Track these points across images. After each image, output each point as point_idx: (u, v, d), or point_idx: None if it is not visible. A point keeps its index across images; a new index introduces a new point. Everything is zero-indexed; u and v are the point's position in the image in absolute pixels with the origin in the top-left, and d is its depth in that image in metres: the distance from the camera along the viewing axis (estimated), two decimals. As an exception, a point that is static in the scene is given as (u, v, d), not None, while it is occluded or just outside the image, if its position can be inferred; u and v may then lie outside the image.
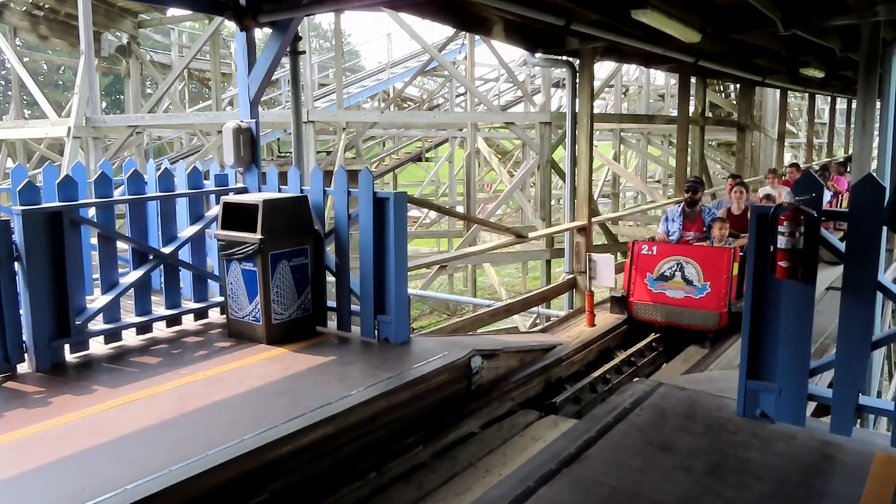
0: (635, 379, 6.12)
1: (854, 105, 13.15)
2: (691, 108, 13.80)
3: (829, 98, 22.97)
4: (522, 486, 3.26)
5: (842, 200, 11.52)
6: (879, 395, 7.41)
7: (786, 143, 20.54)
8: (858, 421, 5.01)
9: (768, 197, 9.10)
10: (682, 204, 7.53)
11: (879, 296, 3.77)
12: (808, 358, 3.84)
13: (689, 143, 13.34)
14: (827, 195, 10.12)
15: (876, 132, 7.69)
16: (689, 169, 13.32)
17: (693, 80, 13.75)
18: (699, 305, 6.70)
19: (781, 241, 3.63)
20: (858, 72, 7.47)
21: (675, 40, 7.68)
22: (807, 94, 20.64)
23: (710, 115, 17.60)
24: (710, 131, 17.28)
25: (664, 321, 6.98)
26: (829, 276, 7.45)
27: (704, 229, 7.24)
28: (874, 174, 3.72)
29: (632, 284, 7.09)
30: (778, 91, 17.95)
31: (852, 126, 18.14)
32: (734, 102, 18.80)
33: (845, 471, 3.47)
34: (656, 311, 6.97)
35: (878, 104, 7.59)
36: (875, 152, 7.96)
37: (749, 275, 3.93)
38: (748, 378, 3.99)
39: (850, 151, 21.56)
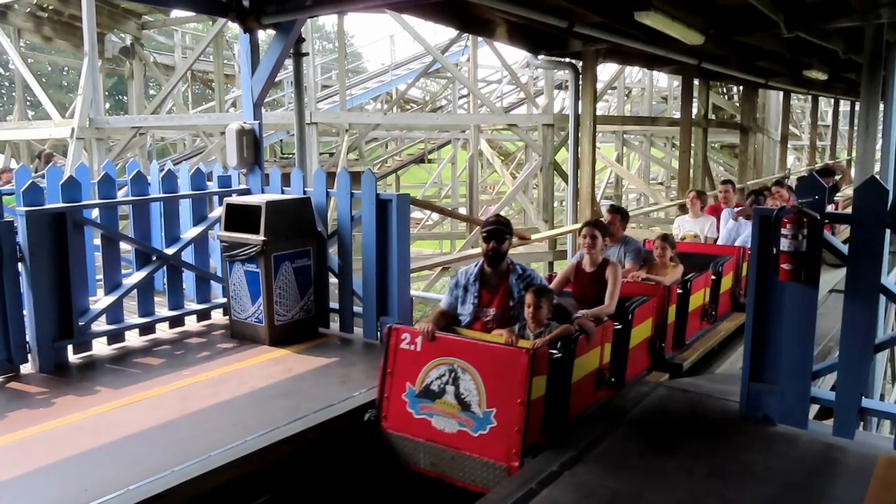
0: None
1: (857, 107, 13.12)
2: (694, 111, 13.79)
3: (832, 100, 22.93)
4: (524, 489, 3.25)
5: None
6: (882, 398, 7.40)
7: (789, 146, 20.50)
8: (861, 424, 5.01)
9: (663, 239, 5.76)
10: (479, 263, 4.36)
11: (882, 298, 3.76)
12: (811, 360, 3.84)
13: (692, 145, 13.32)
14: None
15: (879, 134, 7.68)
16: (691, 171, 13.31)
17: (696, 82, 13.73)
18: (478, 450, 3.65)
19: (784, 244, 3.63)
20: (862, 74, 7.47)
21: (678, 42, 7.67)
22: (810, 97, 20.61)
23: (713, 117, 17.57)
24: (712, 133, 17.28)
25: (429, 470, 3.83)
26: (831, 278, 7.43)
27: (512, 303, 4.16)
28: (877, 176, 3.71)
29: (386, 399, 3.95)
30: (781, 93, 17.93)
31: (855, 128, 18.12)
32: (737, 104, 18.79)
33: (848, 474, 3.47)
34: (418, 451, 3.81)
35: (881, 106, 7.58)
36: (878, 154, 7.95)
37: (752, 277, 3.93)
38: (751, 380, 3.99)
39: (853, 154, 21.55)
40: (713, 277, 6.10)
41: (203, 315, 6.02)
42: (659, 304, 5.11)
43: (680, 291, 5.45)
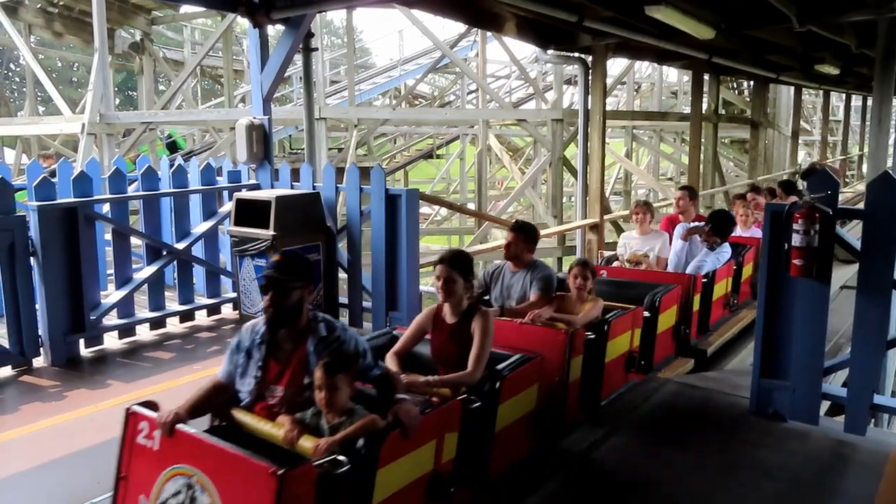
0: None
1: (869, 102, 13.01)
2: (704, 106, 13.70)
3: (843, 95, 22.74)
4: (532, 482, 3.25)
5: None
6: (894, 394, 7.34)
7: (800, 141, 20.36)
8: (873, 420, 4.98)
9: (582, 266, 4.24)
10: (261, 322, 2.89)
11: (895, 294, 3.74)
12: (823, 357, 3.82)
13: (702, 140, 13.25)
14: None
15: (892, 129, 7.61)
16: (701, 166, 13.23)
17: (706, 76, 13.64)
18: None
19: (796, 239, 3.60)
20: (874, 68, 7.40)
21: (689, 37, 7.62)
22: (821, 92, 20.44)
23: (724, 112, 17.46)
24: (723, 128, 17.17)
25: None
26: (843, 274, 7.38)
27: (308, 380, 2.75)
28: (890, 171, 3.68)
29: None
30: (792, 88, 17.80)
31: (867, 123, 17.97)
32: (748, 99, 18.66)
33: (859, 470, 3.45)
34: None
35: (894, 101, 7.52)
36: (891, 150, 7.88)
37: (763, 273, 3.91)
38: (761, 376, 3.97)
39: (865, 149, 21.38)
40: (646, 314, 4.67)
41: (213, 310, 6.05)
42: (555, 359, 3.67)
43: (591, 336, 3.92)
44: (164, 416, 2.53)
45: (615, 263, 6.03)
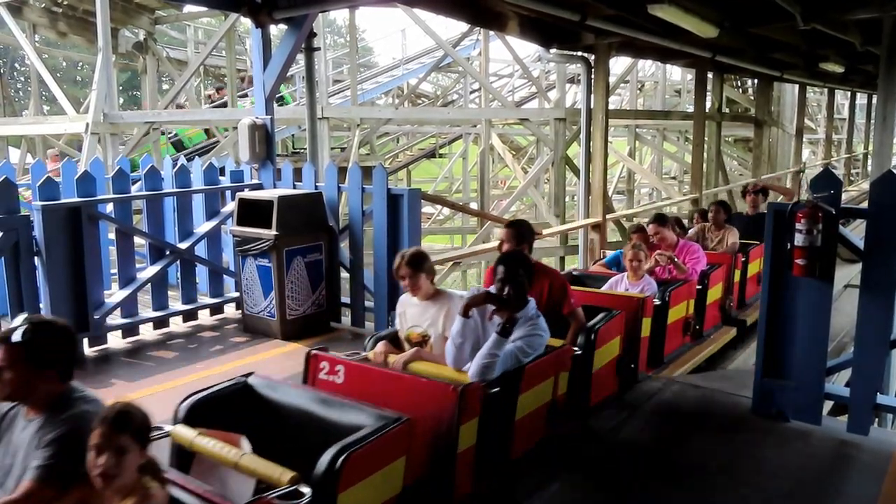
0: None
1: (874, 100, 12.97)
2: (708, 104, 13.66)
3: (848, 93, 22.67)
4: (532, 481, 3.25)
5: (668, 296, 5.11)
6: (898, 394, 7.32)
7: (804, 139, 20.30)
8: (876, 420, 4.97)
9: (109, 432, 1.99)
10: None
11: (898, 294, 3.72)
12: (825, 356, 3.81)
13: (706, 139, 13.21)
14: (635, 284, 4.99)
15: (896, 128, 7.58)
16: (704, 165, 13.19)
17: (710, 75, 13.61)
18: None
19: (799, 239, 3.60)
20: (879, 66, 7.37)
21: (692, 35, 7.60)
22: (826, 90, 20.38)
23: (727, 110, 17.42)
24: (726, 127, 17.13)
25: None
26: (847, 273, 7.37)
27: None
28: (894, 170, 3.67)
29: None
30: (796, 86, 17.74)
31: (872, 121, 17.89)
32: (752, 98, 18.61)
33: (862, 470, 3.45)
34: None
35: (899, 99, 7.48)
36: None
37: (766, 272, 3.90)
38: (764, 376, 3.96)
39: (870, 148, 21.32)
40: (305, 497, 2.16)
41: (216, 309, 6.06)
42: None
43: None
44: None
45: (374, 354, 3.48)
